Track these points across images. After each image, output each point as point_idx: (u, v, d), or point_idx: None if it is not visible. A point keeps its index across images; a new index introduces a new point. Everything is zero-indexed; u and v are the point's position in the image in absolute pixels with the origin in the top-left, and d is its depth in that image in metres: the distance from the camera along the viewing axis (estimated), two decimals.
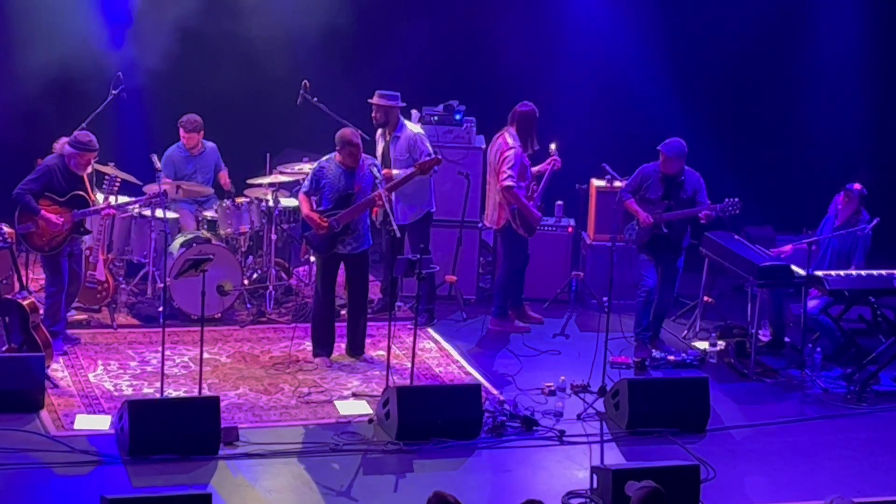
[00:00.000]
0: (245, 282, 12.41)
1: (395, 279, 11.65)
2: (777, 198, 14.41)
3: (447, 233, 12.89)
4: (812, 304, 11.87)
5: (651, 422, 10.31)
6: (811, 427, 10.73)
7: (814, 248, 11.87)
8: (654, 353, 11.79)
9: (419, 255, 10.56)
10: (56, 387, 10.59)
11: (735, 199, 11.78)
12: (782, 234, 13.48)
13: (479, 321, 12.60)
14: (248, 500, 9.09)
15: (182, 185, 12.57)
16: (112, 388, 10.70)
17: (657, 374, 11.53)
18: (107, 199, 11.56)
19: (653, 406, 10.34)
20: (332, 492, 9.20)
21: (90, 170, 11.47)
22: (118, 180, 11.78)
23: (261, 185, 12.69)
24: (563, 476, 9.57)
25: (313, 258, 12.17)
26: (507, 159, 12.00)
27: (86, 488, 9.03)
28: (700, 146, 12.53)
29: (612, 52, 14.65)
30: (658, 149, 11.83)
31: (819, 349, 11.81)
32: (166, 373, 10.51)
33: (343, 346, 11.58)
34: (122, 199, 11.96)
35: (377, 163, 11.65)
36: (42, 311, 11.02)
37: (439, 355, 11.83)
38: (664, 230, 11.85)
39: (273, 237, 12.45)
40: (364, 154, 11.28)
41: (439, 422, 9.95)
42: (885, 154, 15.07)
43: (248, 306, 12.44)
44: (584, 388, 10.99)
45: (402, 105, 12.40)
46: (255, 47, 13.79)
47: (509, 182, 11.96)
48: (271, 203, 12.47)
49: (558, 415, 10.52)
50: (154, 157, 12.30)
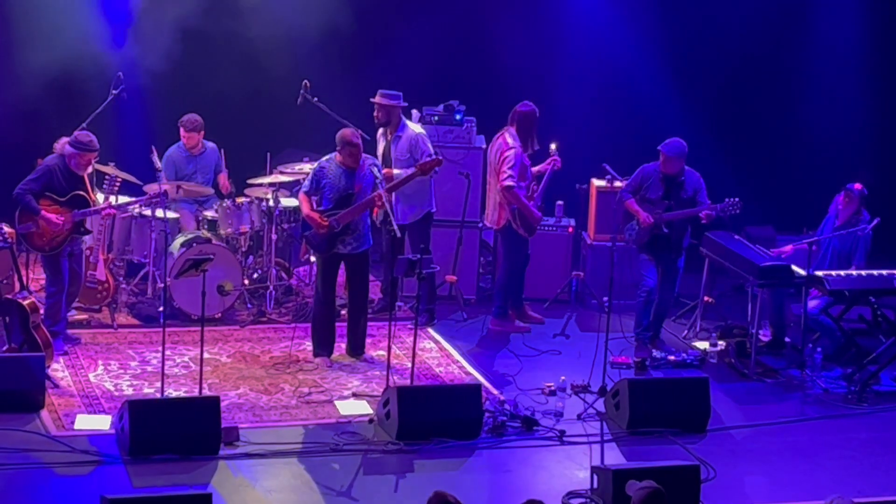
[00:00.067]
0: (245, 282, 12.41)
1: (396, 279, 11.64)
2: (777, 198, 14.41)
3: (447, 233, 12.89)
4: (812, 304, 11.87)
5: (651, 422, 10.30)
6: (811, 427, 10.73)
7: (814, 248, 11.87)
8: (655, 353, 11.78)
9: (419, 255, 10.55)
10: (56, 387, 10.59)
11: (735, 199, 11.77)
12: (783, 234, 13.48)
13: (479, 321, 12.60)
14: (248, 500, 9.09)
15: (182, 185, 12.57)
16: (112, 388, 10.70)
17: (657, 374, 11.52)
18: (107, 199, 11.57)
19: (653, 406, 10.33)
20: (332, 492, 9.20)
21: (90, 170, 11.46)
22: (118, 180, 11.78)
23: (261, 185, 12.69)
24: (563, 476, 9.56)
25: (314, 258, 12.17)
26: (507, 159, 11.99)
27: (86, 488, 9.03)
28: (700, 146, 12.53)
29: (613, 52, 14.64)
30: (658, 149, 11.83)
31: (819, 349, 11.81)
32: (167, 373, 10.51)
33: (343, 346, 11.57)
34: (122, 199, 11.96)
35: (377, 163, 11.64)
36: (42, 311, 11.01)
37: (440, 355, 11.83)
38: (664, 230, 11.84)
39: (273, 237, 12.44)
40: (364, 154, 11.28)
41: (439, 422, 9.95)
42: (885, 154, 15.06)
43: (249, 306, 12.44)
44: (585, 389, 10.99)
45: (404, 105, 12.40)
46: (255, 47, 13.78)
47: (509, 182, 11.96)
48: (272, 203, 12.47)
49: (559, 415, 10.51)
50: (154, 153, 12.29)
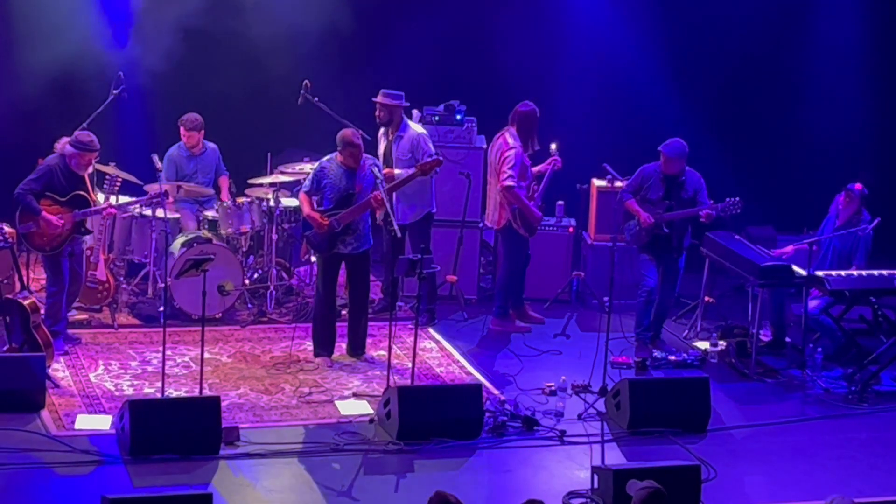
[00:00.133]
0: (246, 282, 12.41)
1: (396, 279, 11.64)
2: (778, 198, 14.40)
3: (448, 233, 12.89)
4: (813, 304, 11.87)
5: (652, 422, 10.30)
6: (812, 427, 10.73)
7: (815, 249, 11.87)
8: (655, 353, 11.78)
9: (420, 255, 10.55)
10: (57, 386, 10.59)
11: (736, 199, 11.77)
12: (783, 234, 13.48)
13: (479, 321, 12.60)
14: (248, 499, 9.09)
15: (183, 185, 12.57)
16: (113, 388, 10.70)
17: (658, 374, 11.52)
18: (107, 199, 11.57)
19: (654, 406, 10.33)
20: (332, 492, 9.20)
21: (91, 170, 11.47)
22: (119, 180, 11.78)
23: (262, 185, 12.69)
24: (563, 476, 9.56)
25: (314, 258, 12.17)
26: (507, 159, 11.99)
27: (87, 488, 9.03)
28: (701, 146, 12.52)
29: (613, 52, 14.64)
30: (659, 150, 11.82)
31: (820, 349, 11.81)
32: (167, 373, 10.51)
33: (344, 345, 11.58)
34: (122, 198, 11.97)
35: (378, 162, 11.64)
36: (43, 311, 11.02)
37: (440, 355, 11.83)
38: (665, 230, 11.84)
39: (274, 237, 12.44)
40: (365, 154, 11.28)
41: (440, 422, 9.95)
42: (886, 154, 15.05)
43: (249, 306, 12.44)
44: (585, 388, 10.99)
45: (406, 105, 12.40)
46: (256, 47, 13.77)
47: (510, 182, 11.96)
48: (272, 203, 12.47)
49: (559, 415, 10.51)
50: (155, 157, 12.31)
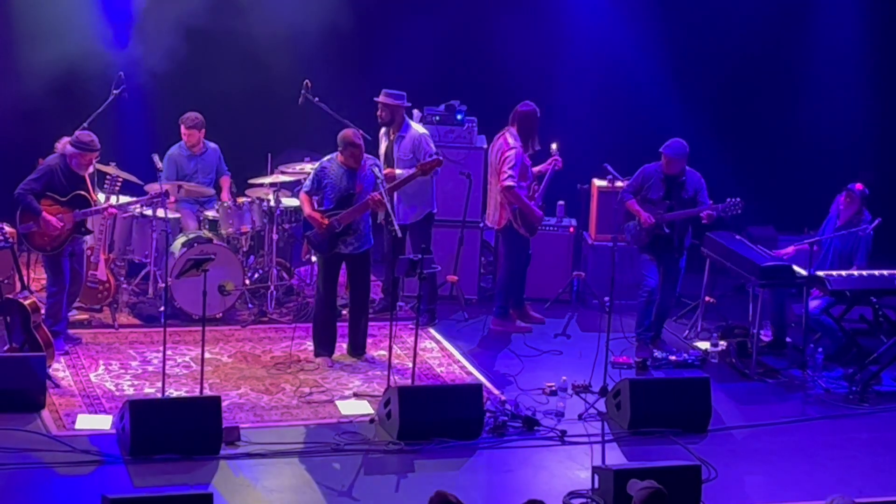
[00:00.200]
0: (246, 282, 12.41)
1: (397, 279, 11.64)
2: (779, 198, 14.40)
3: (449, 233, 12.89)
4: (814, 304, 11.86)
5: (652, 422, 10.30)
6: (813, 427, 10.72)
7: (815, 249, 11.87)
8: (656, 353, 11.78)
9: (420, 255, 10.55)
10: (57, 386, 10.58)
11: (737, 199, 11.77)
12: (784, 235, 13.48)
13: (480, 321, 12.59)
14: (249, 499, 9.09)
15: (184, 185, 12.57)
16: (113, 388, 10.69)
17: (659, 374, 11.52)
18: (108, 198, 11.57)
19: (654, 406, 10.33)
20: (333, 492, 9.19)
21: (92, 169, 11.46)
22: (119, 180, 11.78)
23: (262, 185, 12.69)
24: (564, 476, 9.56)
25: (315, 258, 12.17)
26: (507, 159, 11.99)
27: (87, 488, 9.02)
28: (701, 146, 12.51)
29: (614, 52, 14.64)
30: (661, 151, 11.81)
31: (820, 349, 11.80)
32: (168, 372, 10.52)
33: (344, 345, 11.57)
34: (123, 198, 11.96)
35: (378, 162, 11.63)
36: (43, 311, 11.02)
37: (441, 355, 11.82)
38: (666, 230, 11.84)
39: (274, 237, 12.44)
40: (365, 154, 11.27)
41: (440, 422, 9.94)
42: (886, 154, 15.06)
43: (250, 306, 12.44)
44: (586, 388, 10.99)
45: (408, 105, 12.40)
46: (256, 47, 13.77)
47: (510, 182, 11.96)
48: (273, 203, 12.47)
49: (560, 415, 10.51)
50: (155, 157, 12.31)
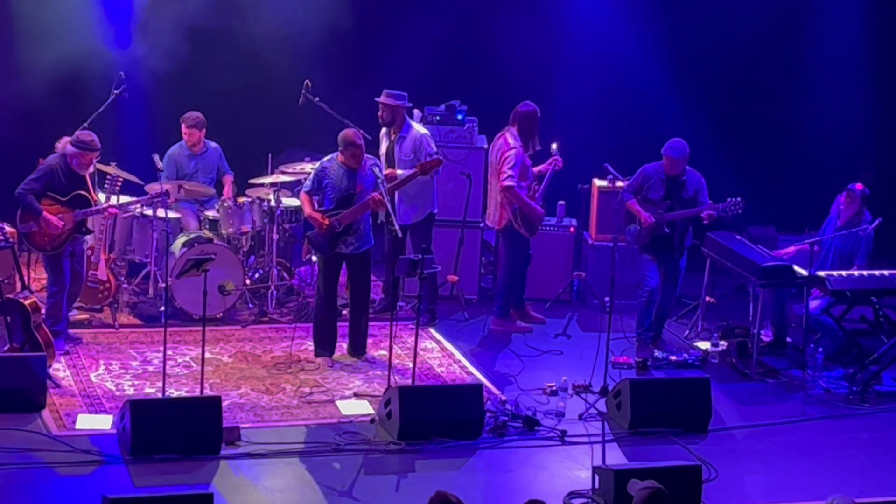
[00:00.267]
0: (247, 282, 12.41)
1: (397, 279, 11.64)
2: (779, 198, 14.40)
3: (449, 233, 12.88)
4: (814, 304, 11.86)
5: (653, 422, 10.30)
6: (813, 427, 10.72)
7: (816, 249, 11.87)
8: (656, 353, 11.78)
9: (421, 255, 10.55)
10: (58, 386, 10.58)
11: (737, 199, 11.76)
12: (784, 235, 13.49)
13: (480, 321, 12.59)
14: (249, 499, 9.09)
15: (184, 184, 12.56)
16: (114, 388, 10.69)
17: (659, 374, 11.52)
18: (108, 198, 11.56)
19: (655, 406, 10.33)
20: (333, 492, 9.19)
21: (92, 169, 11.46)
22: (120, 180, 11.79)
23: (262, 185, 12.69)
24: (564, 476, 9.56)
25: (315, 258, 12.17)
26: (507, 159, 11.99)
27: (87, 488, 9.02)
28: (702, 146, 12.51)
29: (614, 52, 14.64)
30: (663, 153, 11.79)
31: (821, 349, 11.80)
32: (168, 372, 10.52)
33: (345, 345, 11.57)
34: (123, 198, 11.96)
35: (379, 162, 11.63)
36: (44, 311, 11.02)
37: (441, 355, 11.82)
38: (666, 230, 11.84)
39: (275, 237, 12.44)
40: (366, 154, 11.27)
41: (441, 422, 9.94)
42: (887, 154, 15.06)
43: (250, 306, 12.44)
44: (586, 389, 10.99)
45: (409, 105, 12.40)
46: (257, 46, 13.77)
47: (509, 182, 11.96)
48: (273, 203, 12.47)
49: (560, 415, 10.51)
50: (156, 157, 12.31)
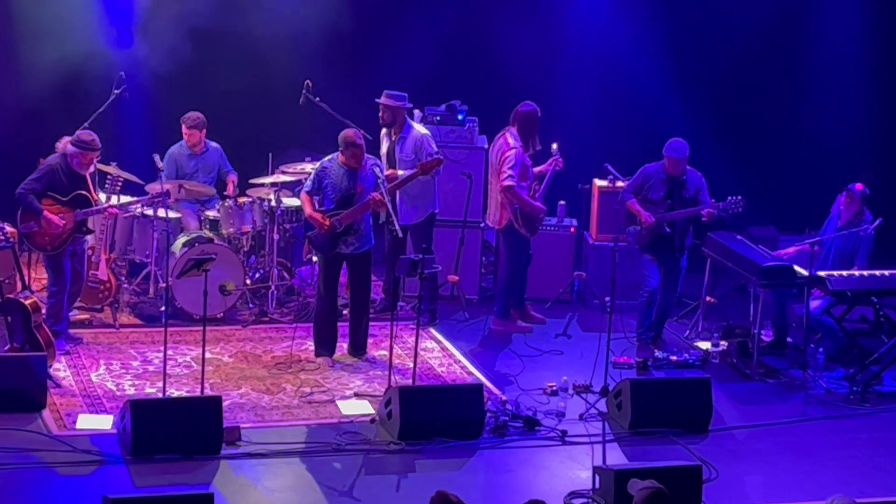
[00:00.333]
0: (247, 281, 12.41)
1: (398, 279, 11.64)
2: (780, 198, 14.40)
3: (449, 233, 12.89)
4: (814, 304, 11.86)
5: (653, 422, 10.30)
6: (813, 427, 10.72)
7: (816, 249, 11.87)
8: (657, 353, 11.78)
9: (421, 255, 10.55)
10: (58, 386, 10.58)
11: (738, 198, 11.76)
12: (785, 235, 13.49)
13: (481, 321, 12.59)
14: (250, 499, 9.09)
15: (185, 184, 12.57)
16: (114, 388, 10.70)
17: (659, 374, 11.52)
18: (109, 198, 11.56)
19: (655, 406, 10.33)
20: (334, 492, 9.19)
21: (93, 169, 11.46)
22: (120, 180, 11.79)
23: (263, 185, 12.69)
24: (565, 476, 9.56)
25: (315, 258, 12.17)
26: (507, 159, 12.00)
27: (88, 488, 9.02)
28: (702, 146, 12.51)
29: (615, 52, 14.64)
30: (664, 153, 11.79)
31: (821, 349, 11.80)
32: (168, 372, 10.52)
33: (345, 345, 11.57)
34: (124, 198, 11.97)
35: (379, 162, 11.63)
36: (44, 311, 11.02)
37: (441, 355, 11.82)
38: (667, 230, 11.84)
39: (275, 237, 12.44)
40: (366, 154, 11.27)
41: (441, 422, 9.94)
42: (887, 154, 15.06)
43: (251, 306, 12.44)
44: (587, 389, 10.99)
45: (409, 106, 12.40)
46: (257, 47, 13.77)
47: (509, 182, 11.96)
48: (274, 203, 12.47)
49: (560, 415, 10.51)
50: (156, 156, 12.31)
